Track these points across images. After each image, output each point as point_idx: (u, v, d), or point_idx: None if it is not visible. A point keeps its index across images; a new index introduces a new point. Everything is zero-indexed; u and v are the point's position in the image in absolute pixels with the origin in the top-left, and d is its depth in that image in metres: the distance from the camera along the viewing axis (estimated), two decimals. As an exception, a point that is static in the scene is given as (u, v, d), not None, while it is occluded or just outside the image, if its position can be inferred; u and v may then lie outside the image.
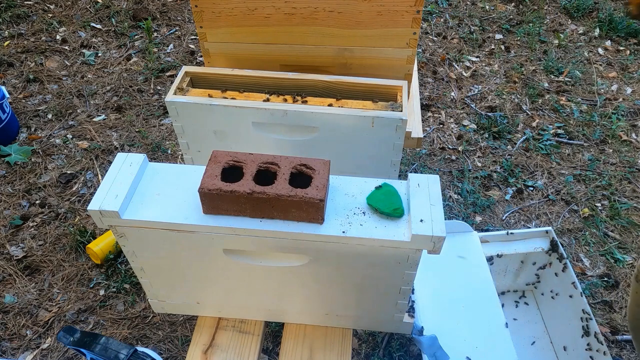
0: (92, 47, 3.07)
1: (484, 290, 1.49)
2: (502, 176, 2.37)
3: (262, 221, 0.89)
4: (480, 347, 1.35)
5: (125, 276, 1.94)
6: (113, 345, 1.10)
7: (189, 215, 0.90)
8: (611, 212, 2.20)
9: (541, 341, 1.75)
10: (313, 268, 0.98)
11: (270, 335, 1.80)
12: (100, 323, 1.83)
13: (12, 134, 2.48)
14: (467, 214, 2.20)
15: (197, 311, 1.17)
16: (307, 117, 1.17)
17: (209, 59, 1.36)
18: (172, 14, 3.35)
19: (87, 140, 2.50)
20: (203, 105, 1.18)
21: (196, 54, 3.05)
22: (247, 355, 1.11)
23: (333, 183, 0.96)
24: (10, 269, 1.97)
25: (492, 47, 3.16)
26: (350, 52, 1.31)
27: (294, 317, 1.15)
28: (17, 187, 2.26)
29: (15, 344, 1.77)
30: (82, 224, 2.11)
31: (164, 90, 2.80)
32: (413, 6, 1.20)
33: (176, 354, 1.75)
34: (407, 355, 1.74)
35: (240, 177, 0.88)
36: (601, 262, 2.03)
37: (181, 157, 2.39)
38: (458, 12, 3.44)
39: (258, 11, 1.24)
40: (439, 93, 2.84)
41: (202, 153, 1.30)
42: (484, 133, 2.59)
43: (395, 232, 0.88)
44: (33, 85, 2.80)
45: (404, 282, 0.99)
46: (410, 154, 2.47)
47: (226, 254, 0.97)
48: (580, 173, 2.39)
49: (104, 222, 0.91)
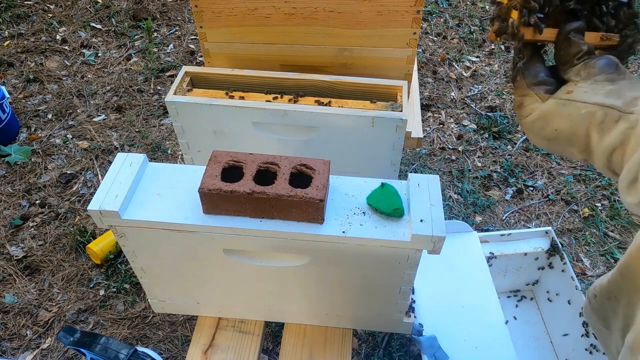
0: (92, 47, 3.07)
1: (483, 290, 1.49)
2: (502, 176, 2.37)
3: (262, 221, 0.89)
4: (480, 347, 1.35)
5: (125, 276, 1.94)
6: (113, 345, 1.10)
7: (189, 215, 0.90)
8: (611, 212, 2.20)
9: (541, 341, 1.75)
10: (313, 268, 0.98)
11: (270, 335, 1.80)
12: (100, 323, 1.83)
13: (12, 134, 2.48)
14: (467, 214, 2.20)
15: (197, 311, 1.17)
16: (307, 117, 1.17)
17: (209, 59, 1.36)
18: (172, 14, 3.35)
19: (87, 140, 2.50)
20: (203, 105, 1.18)
21: (196, 54, 3.05)
22: (247, 355, 1.11)
23: (333, 183, 0.96)
24: (10, 269, 1.97)
25: (492, 47, 3.16)
26: (350, 52, 1.31)
27: (294, 317, 1.15)
28: (17, 187, 2.26)
29: (15, 344, 1.77)
30: (82, 224, 2.11)
31: (164, 90, 2.80)
32: (413, 6, 1.20)
33: (176, 354, 1.75)
34: (407, 355, 1.74)
35: (240, 177, 0.88)
36: (601, 262, 2.03)
37: (181, 157, 2.39)
38: (458, 12, 3.44)
39: (258, 11, 1.24)
40: (439, 93, 2.84)
41: (202, 153, 1.30)
42: (484, 133, 2.59)
43: (395, 232, 0.88)
44: (33, 85, 2.80)
45: (404, 282, 0.99)
46: (410, 154, 2.47)
47: (226, 254, 0.97)
48: (580, 173, 2.39)
49: (104, 222, 0.91)
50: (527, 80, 0.72)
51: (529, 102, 0.72)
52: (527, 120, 0.73)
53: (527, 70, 0.73)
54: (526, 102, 0.73)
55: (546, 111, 0.70)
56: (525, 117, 0.73)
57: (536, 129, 0.72)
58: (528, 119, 0.73)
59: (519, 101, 0.74)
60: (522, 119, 0.74)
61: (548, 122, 0.70)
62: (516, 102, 0.75)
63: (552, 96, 0.70)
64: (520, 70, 0.73)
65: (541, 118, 0.71)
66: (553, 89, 0.71)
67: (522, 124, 0.75)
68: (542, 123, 0.71)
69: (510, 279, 1.81)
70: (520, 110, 0.74)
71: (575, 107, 0.67)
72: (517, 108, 0.75)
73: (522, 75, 0.73)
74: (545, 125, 0.71)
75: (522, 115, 0.74)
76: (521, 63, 0.73)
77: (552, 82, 0.72)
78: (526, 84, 0.72)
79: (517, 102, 0.75)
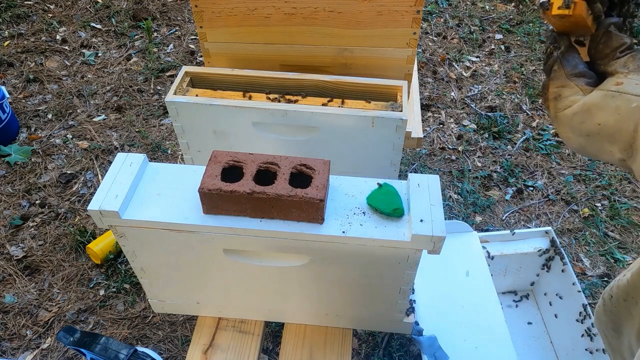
0: (92, 47, 3.07)
1: (483, 290, 1.49)
2: (502, 176, 2.37)
3: (262, 221, 0.89)
4: (480, 347, 1.35)
5: (125, 276, 1.94)
6: (113, 345, 1.10)
7: (189, 215, 0.90)
8: (611, 212, 2.20)
9: (541, 341, 1.75)
10: (313, 268, 0.98)
11: (270, 335, 1.80)
12: (100, 323, 1.83)
13: (12, 134, 2.48)
14: (467, 214, 2.19)
15: (197, 311, 1.17)
16: (307, 117, 1.17)
17: (209, 59, 1.36)
18: (172, 14, 3.35)
19: (87, 140, 2.50)
20: (203, 105, 1.18)
21: (196, 54, 3.05)
22: (247, 355, 1.11)
23: (333, 183, 0.96)
24: (10, 269, 1.97)
25: (492, 47, 3.16)
26: (350, 52, 1.31)
27: (294, 317, 1.15)
28: (17, 187, 2.26)
29: (15, 344, 1.77)
30: (82, 224, 2.11)
31: (164, 90, 2.80)
32: (413, 6, 1.20)
33: (176, 354, 1.75)
34: (407, 355, 1.74)
35: (240, 177, 0.88)
36: (601, 262, 2.03)
37: (181, 157, 2.39)
38: (458, 12, 3.44)
39: (258, 11, 1.24)
40: (439, 93, 2.84)
41: (202, 153, 1.30)
42: (484, 133, 2.59)
43: (395, 232, 0.88)
44: (33, 85, 2.80)
45: (404, 282, 0.99)
46: (410, 154, 2.47)
47: (226, 254, 0.97)
48: (580, 173, 2.39)
49: (104, 222, 0.91)
50: (567, 70, 0.68)
51: (568, 94, 0.67)
52: (566, 113, 0.67)
53: (566, 59, 0.68)
54: (565, 94, 0.68)
55: (590, 103, 0.65)
56: (563, 109, 0.68)
57: (575, 123, 0.67)
58: (567, 112, 0.67)
59: (555, 92, 0.69)
60: (558, 111, 0.69)
61: (591, 116, 0.65)
62: (552, 93, 0.70)
63: (597, 88, 0.65)
64: (559, 60, 0.69)
65: (584, 111, 0.65)
66: (593, 82, 0.67)
67: (558, 117, 0.69)
68: (583, 116, 0.66)
69: (510, 279, 1.81)
70: (556, 102, 0.69)
71: (626, 100, 0.62)
72: (553, 100, 0.70)
73: (560, 64, 0.69)
74: (587, 119, 0.65)
75: (559, 108, 0.68)
76: (558, 52, 0.69)
77: (593, 75, 0.68)
78: (566, 74, 0.68)
79: (553, 94, 0.70)
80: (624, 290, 0.72)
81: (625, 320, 0.73)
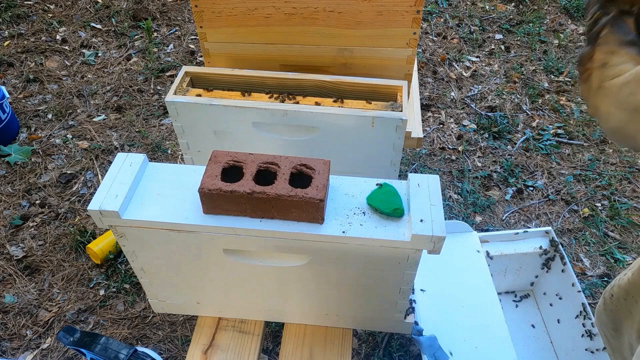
0: (92, 47, 3.07)
1: (483, 290, 1.49)
2: (502, 176, 2.37)
3: (262, 221, 0.89)
4: (480, 347, 1.35)
5: (125, 276, 1.94)
6: (113, 345, 1.10)
7: (189, 215, 0.90)
8: (611, 212, 2.20)
9: (541, 341, 1.75)
10: (313, 268, 0.98)
11: (270, 335, 1.80)
12: (100, 323, 1.83)
13: (12, 134, 2.48)
14: (467, 214, 2.19)
15: (197, 311, 1.17)
16: (307, 117, 1.17)
17: (209, 59, 1.36)
18: (172, 14, 3.35)
19: (87, 140, 2.50)
20: (203, 105, 1.18)
21: (196, 54, 3.05)
22: (247, 355, 1.11)
23: (333, 183, 0.96)
24: (10, 269, 1.97)
25: (492, 47, 3.16)
26: (350, 52, 1.31)
27: (294, 317, 1.15)
28: (17, 187, 2.26)
29: (15, 344, 1.77)
30: (82, 224, 2.11)
31: (164, 90, 2.80)
32: (413, 6, 1.20)
33: (176, 354, 1.75)
34: (407, 355, 1.74)
35: (240, 177, 0.88)
36: (601, 262, 2.03)
37: (181, 157, 2.39)
38: (458, 12, 3.44)
39: (258, 11, 1.24)
40: (439, 93, 2.84)
41: (202, 153, 1.30)
42: (484, 133, 2.59)
43: (395, 232, 0.88)
44: (33, 85, 2.80)
45: (404, 282, 0.99)
46: (410, 154, 2.47)
47: (226, 254, 0.97)
48: (580, 173, 2.39)
49: (104, 222, 0.91)
50: (619, 36, 0.62)
51: (618, 62, 0.62)
52: (615, 82, 0.61)
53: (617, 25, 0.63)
54: (614, 61, 0.62)
55: None
56: (611, 78, 0.62)
57: (623, 95, 0.61)
58: (616, 81, 0.61)
59: (602, 60, 0.63)
60: (605, 80, 0.62)
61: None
62: (598, 60, 0.63)
63: None
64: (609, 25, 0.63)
65: (637, 81, 0.59)
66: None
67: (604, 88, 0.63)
68: (635, 87, 0.60)
69: (510, 279, 1.81)
70: (603, 70, 0.63)
71: None
72: (599, 68, 0.63)
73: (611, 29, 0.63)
74: (638, 90, 0.59)
75: (606, 76, 0.62)
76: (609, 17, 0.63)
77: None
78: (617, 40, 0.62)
79: (599, 61, 0.63)
80: (624, 289, 0.72)
81: (625, 319, 0.73)
